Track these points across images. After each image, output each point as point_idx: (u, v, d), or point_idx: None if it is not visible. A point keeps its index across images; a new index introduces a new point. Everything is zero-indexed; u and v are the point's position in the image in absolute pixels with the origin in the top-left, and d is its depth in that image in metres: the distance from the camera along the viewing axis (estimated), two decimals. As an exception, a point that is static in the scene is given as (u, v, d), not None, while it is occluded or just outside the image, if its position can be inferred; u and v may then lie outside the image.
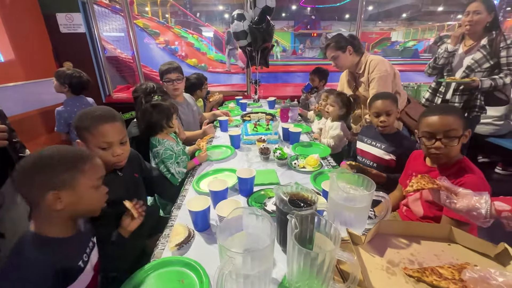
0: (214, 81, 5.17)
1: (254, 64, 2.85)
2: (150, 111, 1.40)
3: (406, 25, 22.88)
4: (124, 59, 3.90)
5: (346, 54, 1.89)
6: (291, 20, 21.95)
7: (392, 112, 1.45)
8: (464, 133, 1.00)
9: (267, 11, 2.53)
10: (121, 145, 0.98)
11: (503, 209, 0.68)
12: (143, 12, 9.75)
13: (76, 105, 2.17)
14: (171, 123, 1.44)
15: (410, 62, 10.05)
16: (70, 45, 2.83)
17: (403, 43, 19.06)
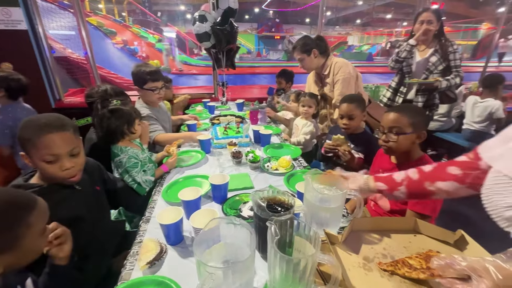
0: (179, 84, 4.98)
1: (221, 66, 2.80)
2: (108, 117, 1.28)
3: (360, 30, 24.69)
4: (76, 60, 3.56)
5: (311, 57, 1.96)
6: (255, 22, 22.25)
7: (355, 116, 1.52)
8: (412, 131, 1.10)
9: (230, 12, 2.50)
10: (71, 157, 0.87)
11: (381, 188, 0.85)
12: (96, 9, 9.03)
13: (17, 111, 1.91)
14: (133, 128, 1.33)
15: (366, 64, 10.85)
16: (8, 44, 2.48)
17: (358, 47, 20.52)
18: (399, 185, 0.84)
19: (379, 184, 0.86)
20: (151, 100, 1.86)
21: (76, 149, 0.88)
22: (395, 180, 0.84)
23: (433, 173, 0.80)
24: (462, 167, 0.75)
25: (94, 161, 1.13)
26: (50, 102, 2.81)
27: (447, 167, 0.77)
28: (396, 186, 0.84)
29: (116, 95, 1.53)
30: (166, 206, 1.08)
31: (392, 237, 0.83)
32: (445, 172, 0.77)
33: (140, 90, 1.83)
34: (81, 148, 0.92)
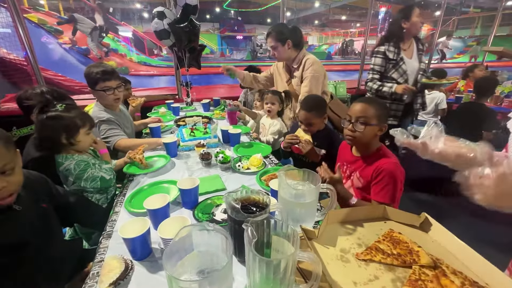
0: (138, 85, 4.68)
1: (184, 66, 2.69)
2: (44, 124, 1.11)
3: (319, 30, 25.86)
4: (14, 61, 3.13)
5: (285, 47, 1.95)
6: (216, 22, 21.96)
7: (313, 123, 1.54)
8: (377, 124, 1.15)
9: (190, 9, 2.40)
10: (2, 175, 0.73)
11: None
12: (37, 5, 8.08)
13: None
14: (74, 139, 1.15)
15: (326, 63, 11.38)
16: None
17: (318, 47, 21.46)
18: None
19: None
20: (108, 103, 1.70)
21: (9, 165, 0.74)
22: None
23: None
24: None
25: (38, 174, 0.98)
26: (-18, 110, 2.43)
27: None
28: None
29: (60, 98, 1.36)
30: (130, 217, 0.98)
31: (364, 226, 0.85)
32: None
33: (93, 92, 1.67)
34: (17, 163, 0.77)
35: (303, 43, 2.04)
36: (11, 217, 0.79)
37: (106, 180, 1.16)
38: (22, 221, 0.82)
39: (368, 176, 1.19)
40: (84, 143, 1.19)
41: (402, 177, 1.15)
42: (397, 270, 0.68)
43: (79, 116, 1.16)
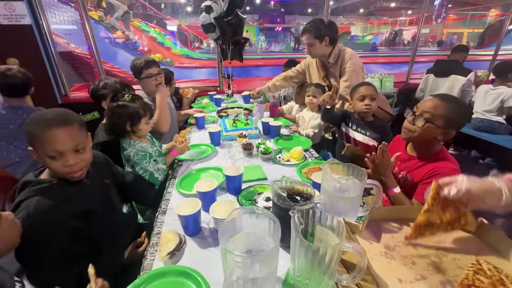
0: (181, 77, 4.95)
1: (227, 58, 2.77)
2: (114, 112, 1.25)
3: (363, 20, 24.22)
4: (80, 55, 3.54)
5: (322, 44, 1.91)
6: (256, 14, 21.88)
7: (375, 97, 1.52)
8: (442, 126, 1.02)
9: (236, 2, 2.45)
10: (76, 153, 0.84)
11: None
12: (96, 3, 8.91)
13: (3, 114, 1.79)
14: (136, 127, 1.28)
15: (370, 55, 10.66)
16: (12, 39, 2.47)
17: (361, 37, 20.15)
18: None
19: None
20: (151, 89, 1.83)
21: (81, 144, 0.86)
22: None
23: None
24: None
25: (102, 155, 1.13)
26: (57, 98, 2.81)
27: None
28: None
29: (126, 88, 1.54)
30: (180, 198, 1.09)
31: (411, 226, 0.83)
32: None
33: (139, 81, 1.83)
34: (87, 144, 0.90)
35: (338, 38, 1.97)
36: (82, 189, 0.93)
37: (154, 177, 1.24)
38: (90, 193, 0.95)
39: (420, 176, 1.09)
40: (144, 130, 1.33)
41: None
42: (447, 272, 0.66)
43: (142, 106, 1.29)
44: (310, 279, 0.63)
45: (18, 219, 0.75)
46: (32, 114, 0.83)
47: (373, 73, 3.13)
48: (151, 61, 1.78)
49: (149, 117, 1.33)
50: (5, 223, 0.61)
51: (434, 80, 2.98)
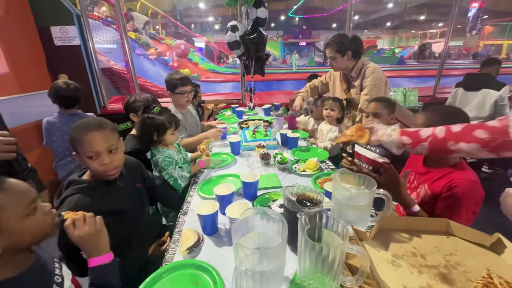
0: (208, 91, 5.22)
1: (249, 73, 2.92)
2: (144, 123, 1.41)
3: (390, 33, 23.79)
4: (118, 70, 3.91)
5: (344, 58, 1.96)
6: (280, 30, 22.48)
7: (380, 114, 1.53)
8: None
9: (260, 22, 2.62)
10: (109, 153, 0.96)
11: (405, 142, 0.88)
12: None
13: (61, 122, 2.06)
14: (162, 138, 1.41)
15: (397, 68, 10.41)
16: (64, 58, 2.83)
17: (388, 51, 19.76)
18: (423, 141, 0.85)
19: (404, 138, 0.88)
20: (181, 103, 2.02)
21: (114, 146, 0.98)
22: (421, 136, 0.86)
23: (460, 134, 0.80)
24: (490, 132, 0.75)
25: (136, 160, 1.26)
26: (96, 109, 3.13)
27: (475, 129, 0.78)
28: (420, 141, 0.86)
29: (156, 102, 1.71)
30: (201, 200, 1.18)
31: (422, 237, 0.83)
32: (471, 135, 0.78)
33: (171, 94, 2.01)
34: (120, 147, 1.02)
35: (362, 52, 2.00)
36: (116, 190, 1.04)
37: (177, 183, 1.36)
38: (122, 194, 1.07)
39: (438, 189, 1.08)
40: (170, 140, 1.46)
41: (479, 198, 1.01)
42: (455, 283, 0.66)
43: (168, 118, 1.42)
44: (314, 279, 0.67)
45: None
46: (75, 122, 0.98)
47: (397, 87, 3.09)
48: (186, 79, 1.96)
49: (174, 128, 1.46)
50: (40, 212, 0.72)
51: (464, 94, 2.86)
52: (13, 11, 2.51)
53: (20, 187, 0.67)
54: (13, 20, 2.50)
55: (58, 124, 2.05)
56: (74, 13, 2.76)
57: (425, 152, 0.90)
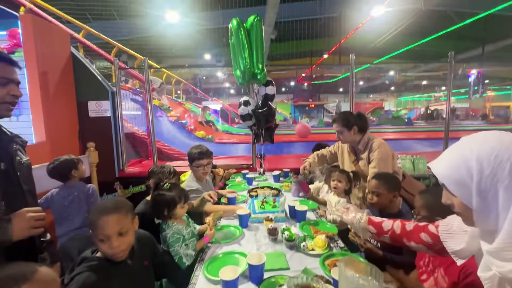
0: (221, 152, 5.47)
1: (260, 140, 3.11)
2: (155, 200, 1.50)
3: (396, 95, 25.10)
4: (140, 136, 4.26)
5: (351, 132, 2.09)
6: (291, 93, 24.34)
7: (379, 193, 1.55)
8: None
9: (269, 97, 2.92)
10: (119, 236, 0.99)
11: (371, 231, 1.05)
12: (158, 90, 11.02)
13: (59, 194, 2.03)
14: (173, 212, 1.48)
15: (406, 130, 10.64)
16: (95, 127, 3.18)
17: (395, 112, 20.51)
18: (385, 233, 1.01)
19: (370, 227, 1.06)
20: (198, 175, 2.18)
21: (125, 228, 1.02)
22: (383, 228, 1.03)
23: (411, 234, 0.94)
24: (432, 237, 0.86)
25: (148, 235, 1.30)
26: (115, 172, 3.32)
27: (421, 232, 0.89)
28: (382, 233, 1.02)
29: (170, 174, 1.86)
30: (206, 282, 1.16)
31: None
32: (419, 237, 0.89)
33: (191, 167, 2.20)
34: (131, 228, 1.06)
35: (368, 127, 2.14)
36: (124, 269, 1.06)
37: (182, 262, 1.36)
38: (129, 274, 1.08)
39: (455, 275, 1.02)
40: (179, 214, 1.52)
41: None
42: None
43: (178, 194, 1.50)
44: None
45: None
46: (96, 204, 1.08)
47: (405, 155, 3.14)
48: (204, 153, 2.14)
49: (184, 201, 1.53)
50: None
51: None
52: (61, 89, 2.96)
53: (48, 278, 0.71)
54: (59, 96, 2.93)
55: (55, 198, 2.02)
56: (110, 90, 3.21)
57: (389, 242, 1.02)
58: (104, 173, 3.12)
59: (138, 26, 10.00)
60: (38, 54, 2.64)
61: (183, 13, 8.86)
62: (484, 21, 10.09)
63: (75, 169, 2.05)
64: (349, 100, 3.52)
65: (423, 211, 1.20)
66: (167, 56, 13.93)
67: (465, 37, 12.10)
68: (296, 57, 15.54)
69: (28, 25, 2.60)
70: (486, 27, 10.66)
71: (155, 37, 10.74)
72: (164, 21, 9.23)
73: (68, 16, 4.29)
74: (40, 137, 2.70)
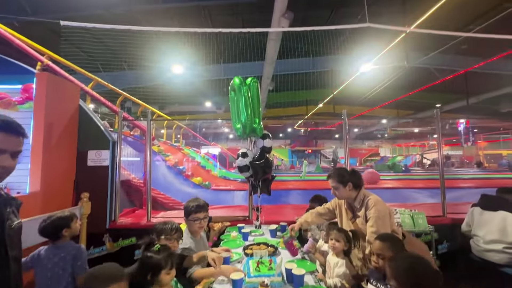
0: (217, 201, 5.35)
1: (256, 192, 3.09)
2: (142, 262, 1.42)
3: (390, 142, 25.76)
4: (136, 183, 4.22)
5: (346, 188, 2.10)
6: (288, 139, 24.95)
7: (384, 256, 1.49)
8: None
9: (266, 149, 3.00)
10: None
11: None
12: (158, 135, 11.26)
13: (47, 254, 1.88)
14: (157, 279, 1.39)
15: (404, 177, 10.62)
16: (92, 177, 3.17)
17: (391, 158, 20.79)
18: None
19: None
20: (194, 230, 2.12)
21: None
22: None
23: None
24: None
25: None
26: (106, 223, 3.19)
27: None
28: None
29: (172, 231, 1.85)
30: None
31: None
32: None
33: (186, 221, 2.14)
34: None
35: (363, 184, 2.16)
36: None
37: None
38: None
39: None
40: (165, 281, 1.41)
41: None
42: None
43: (165, 258, 1.42)
44: None
45: None
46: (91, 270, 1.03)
47: (404, 209, 3.09)
48: (201, 206, 2.12)
49: (170, 267, 1.43)
50: None
51: (481, 213, 2.79)
52: (63, 139, 3.03)
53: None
54: (61, 146, 2.99)
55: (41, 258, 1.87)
56: (111, 140, 3.30)
57: None
58: (94, 224, 3.00)
59: (145, 76, 10.73)
60: (47, 108, 2.78)
61: (187, 66, 9.60)
62: (464, 76, 11.04)
63: (67, 228, 1.95)
64: (344, 147, 3.65)
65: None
66: (170, 103, 14.63)
67: (450, 90, 13.06)
68: (293, 106, 16.41)
69: (42, 82, 2.80)
70: (467, 82, 11.63)
71: (160, 85, 11.43)
72: (170, 72, 9.93)
73: (80, 69, 4.65)
74: (34, 186, 2.67)
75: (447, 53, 9.15)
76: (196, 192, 6.24)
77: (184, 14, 7.85)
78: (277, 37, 7.24)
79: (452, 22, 7.25)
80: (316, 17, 8.19)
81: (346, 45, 8.55)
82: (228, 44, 6.71)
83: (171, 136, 12.46)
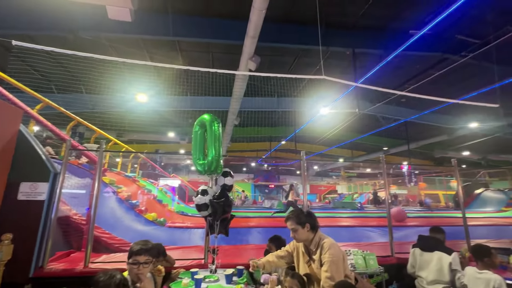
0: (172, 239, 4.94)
1: (214, 232, 2.93)
2: None
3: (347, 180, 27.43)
4: (76, 221, 3.70)
5: (304, 230, 2.13)
6: (251, 173, 25.01)
7: None
8: None
9: (227, 187, 2.95)
10: None
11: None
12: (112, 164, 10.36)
13: None
14: None
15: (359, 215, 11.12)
16: (21, 213, 2.71)
17: (348, 195, 21.93)
18: None
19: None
20: (133, 276, 1.86)
21: None
22: None
23: None
24: None
25: None
26: (30, 270, 2.67)
27: None
28: None
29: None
30: None
31: None
32: None
33: (127, 264, 1.90)
34: None
35: (318, 226, 2.22)
36: None
37: None
38: None
39: None
40: None
41: None
42: None
43: None
44: None
45: None
46: None
47: (357, 250, 3.19)
48: (145, 250, 1.89)
49: None
50: None
51: (421, 254, 3.00)
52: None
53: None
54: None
55: None
56: (52, 172, 2.93)
57: None
58: (15, 272, 2.49)
59: (105, 101, 10.18)
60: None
61: (152, 94, 9.44)
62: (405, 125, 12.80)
63: None
64: (302, 183, 3.78)
65: None
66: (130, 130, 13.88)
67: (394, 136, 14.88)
68: (257, 141, 16.84)
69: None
70: (407, 130, 13.47)
71: (120, 112, 10.89)
72: (133, 101, 9.62)
73: (27, 88, 4.25)
74: None
75: (390, 104, 10.56)
76: (149, 229, 5.70)
77: (155, 45, 7.95)
78: (244, 76, 7.65)
79: (391, 80, 8.59)
80: (281, 62, 8.98)
81: (307, 90, 9.42)
82: (197, 77, 6.85)
83: (126, 166, 11.62)
